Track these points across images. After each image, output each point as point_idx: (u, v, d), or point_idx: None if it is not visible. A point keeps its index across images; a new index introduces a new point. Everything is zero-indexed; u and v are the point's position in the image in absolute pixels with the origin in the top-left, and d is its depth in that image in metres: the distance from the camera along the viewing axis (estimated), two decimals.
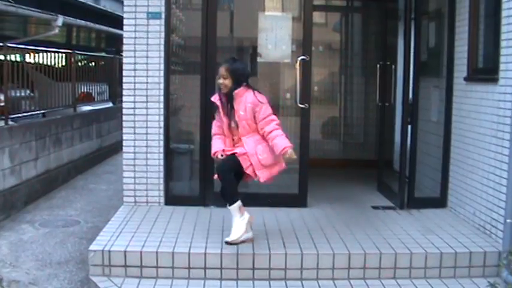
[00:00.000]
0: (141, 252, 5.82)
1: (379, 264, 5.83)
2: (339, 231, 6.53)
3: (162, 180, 7.52)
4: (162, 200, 7.55)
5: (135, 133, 7.37)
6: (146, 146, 7.41)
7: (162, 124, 7.40)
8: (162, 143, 7.46)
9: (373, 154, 9.81)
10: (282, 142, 5.73)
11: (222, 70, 5.84)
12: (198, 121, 7.55)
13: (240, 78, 5.84)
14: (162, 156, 7.49)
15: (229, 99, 5.85)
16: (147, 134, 7.42)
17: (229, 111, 5.86)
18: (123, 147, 7.39)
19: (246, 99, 5.80)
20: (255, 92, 5.87)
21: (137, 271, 5.78)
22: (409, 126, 7.56)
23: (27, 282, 6.09)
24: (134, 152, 7.47)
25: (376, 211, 7.49)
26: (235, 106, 5.82)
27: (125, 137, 7.37)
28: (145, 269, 5.79)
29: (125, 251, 5.82)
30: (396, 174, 7.83)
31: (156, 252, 5.78)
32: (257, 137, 5.85)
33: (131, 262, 5.79)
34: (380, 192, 8.42)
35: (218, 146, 5.94)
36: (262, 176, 5.84)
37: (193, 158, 7.75)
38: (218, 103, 5.93)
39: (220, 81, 5.85)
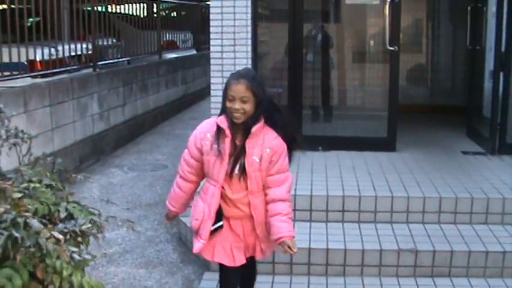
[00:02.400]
0: None
1: (471, 209, 5.70)
2: (429, 175, 6.40)
3: None
4: None
5: (222, 77, 7.35)
6: None
7: (250, 67, 7.31)
8: None
9: (462, 100, 9.57)
10: (283, 226, 3.72)
11: (241, 89, 3.61)
12: (286, 66, 7.47)
13: (267, 106, 3.74)
14: None
15: (243, 135, 3.72)
16: None
17: (239, 154, 3.73)
18: (211, 91, 7.39)
19: (264, 142, 3.71)
20: (276, 132, 3.78)
21: None
22: (501, 73, 7.33)
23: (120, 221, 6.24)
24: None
25: (466, 156, 7.33)
26: (248, 149, 3.70)
27: (212, 80, 7.37)
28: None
29: None
30: (486, 120, 7.62)
31: None
32: (262, 197, 3.81)
33: None
34: (469, 138, 8.22)
35: (172, 204, 4.16)
36: (270, 251, 4.07)
37: (280, 102, 7.72)
38: (227, 131, 3.68)
39: (237, 106, 3.61)
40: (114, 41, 10.59)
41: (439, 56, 11.06)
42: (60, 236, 2.56)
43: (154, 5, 13.00)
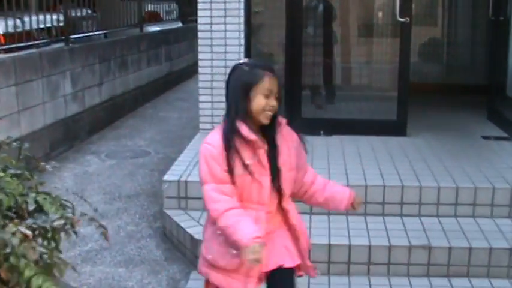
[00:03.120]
0: None
1: (492, 200, 5.70)
2: (445, 162, 6.40)
3: None
4: None
5: (212, 52, 7.34)
6: (225, 67, 7.36)
7: (242, 42, 7.33)
8: None
9: (482, 78, 9.57)
10: (343, 188, 3.80)
11: (276, 83, 3.37)
12: (283, 41, 7.46)
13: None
14: None
15: (270, 135, 3.46)
16: (225, 53, 7.36)
17: (274, 157, 3.45)
18: (199, 68, 7.39)
19: (287, 135, 3.55)
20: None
21: None
22: None
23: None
24: (212, 74, 7.45)
25: (487, 141, 7.32)
26: (280, 146, 3.48)
27: (200, 56, 7.35)
28: None
29: None
30: (511, 101, 7.63)
31: None
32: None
33: None
34: (491, 121, 8.22)
35: (251, 229, 3.27)
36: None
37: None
38: (255, 138, 3.37)
39: (274, 102, 3.35)
40: (89, 12, 10.53)
41: (457, 29, 11.06)
42: (28, 232, 2.55)
43: None
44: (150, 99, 12.34)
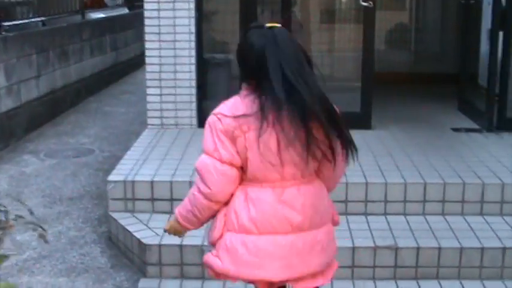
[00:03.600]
0: (171, 182, 5.84)
1: (462, 196, 5.78)
2: (412, 157, 6.48)
3: (194, 98, 7.53)
4: (195, 121, 7.58)
5: (160, 41, 7.34)
6: (174, 57, 7.40)
7: (193, 29, 7.36)
8: (193, 52, 7.42)
9: (453, 66, 9.67)
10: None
11: None
12: (237, 28, 7.48)
13: None
14: (193, 68, 7.47)
15: None
16: (175, 41, 7.39)
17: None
18: (146, 59, 7.38)
19: None
20: None
21: (167, 205, 5.79)
22: (501, 32, 7.40)
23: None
24: (160, 64, 7.46)
25: (457, 134, 7.43)
26: None
27: (148, 45, 7.35)
28: (177, 203, 5.76)
29: (152, 182, 5.85)
30: (483, 90, 7.71)
31: (190, 182, 5.70)
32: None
33: (160, 194, 5.82)
34: (462, 112, 8.33)
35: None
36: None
37: (232, 70, 7.72)
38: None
39: None
40: None
41: (426, 13, 11.17)
42: None
43: None
44: (94, 93, 12.27)
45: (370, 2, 7.25)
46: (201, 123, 7.46)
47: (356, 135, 7.03)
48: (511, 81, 7.46)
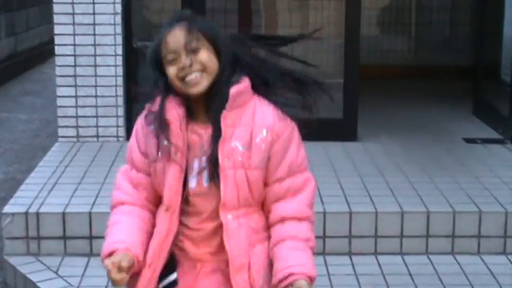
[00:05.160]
0: (90, 214, 5.80)
1: (479, 230, 5.79)
2: (411, 177, 6.49)
3: (121, 100, 7.52)
4: (122, 132, 7.60)
5: (74, 23, 7.29)
6: (94, 45, 7.38)
7: (119, 8, 7.34)
8: (120, 39, 7.41)
9: (466, 57, 9.71)
10: (295, 257, 3.33)
11: (180, 35, 3.31)
12: (180, 6, 7.43)
13: (236, 57, 3.43)
14: (120, 60, 7.46)
15: (213, 112, 3.37)
16: (94, 24, 7.35)
17: (212, 142, 3.35)
18: (56, 48, 7.32)
19: (256, 118, 3.40)
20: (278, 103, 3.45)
21: (84, 245, 5.76)
22: None
23: None
24: (74, 55, 7.42)
25: (471, 146, 7.47)
26: (226, 127, 3.34)
27: (57, 30, 7.30)
28: (97, 241, 5.63)
29: (64, 214, 5.78)
30: (506, 88, 7.77)
31: None
32: (256, 219, 3.49)
33: (75, 231, 5.77)
34: (477, 117, 8.38)
35: (121, 238, 3.42)
36: None
37: None
38: (173, 116, 3.37)
39: (186, 60, 3.28)
40: None
41: None
42: None
43: None
44: None
45: None
46: (131, 134, 7.37)
47: (337, 148, 7.15)
48: None
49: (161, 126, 3.32)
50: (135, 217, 3.44)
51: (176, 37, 3.28)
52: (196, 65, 3.26)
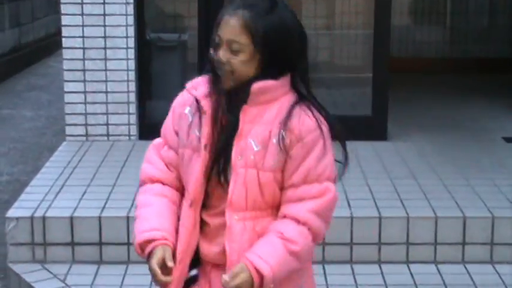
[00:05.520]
0: (100, 218, 5.76)
1: None
2: (445, 179, 6.44)
3: (133, 96, 7.51)
4: (135, 130, 7.57)
5: (83, 14, 7.29)
6: (104, 37, 7.38)
7: None
8: (132, 30, 7.40)
9: (506, 49, 9.67)
10: (260, 246, 3.36)
11: (232, 26, 3.30)
12: None
13: (283, 56, 3.34)
14: (132, 54, 7.45)
15: (231, 106, 3.38)
16: (104, 15, 7.35)
17: (228, 137, 3.38)
18: (63, 41, 7.32)
19: (278, 117, 3.35)
20: (314, 105, 3.41)
21: (94, 252, 5.75)
22: None
23: None
24: (83, 48, 7.42)
25: (511, 146, 7.44)
26: (243, 124, 3.34)
27: (64, 21, 7.30)
28: (108, 248, 5.76)
29: (72, 218, 5.77)
30: None
31: (128, 218, 5.65)
32: (265, 223, 3.46)
33: (83, 236, 5.75)
34: None
35: (154, 225, 3.47)
36: None
37: (186, 56, 7.69)
38: (206, 107, 3.39)
39: (220, 55, 3.31)
40: None
41: None
42: None
43: None
44: None
45: None
46: (144, 132, 7.51)
47: (367, 148, 7.13)
48: None
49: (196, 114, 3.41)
50: (167, 198, 3.51)
51: (228, 27, 3.28)
52: (228, 66, 3.26)
